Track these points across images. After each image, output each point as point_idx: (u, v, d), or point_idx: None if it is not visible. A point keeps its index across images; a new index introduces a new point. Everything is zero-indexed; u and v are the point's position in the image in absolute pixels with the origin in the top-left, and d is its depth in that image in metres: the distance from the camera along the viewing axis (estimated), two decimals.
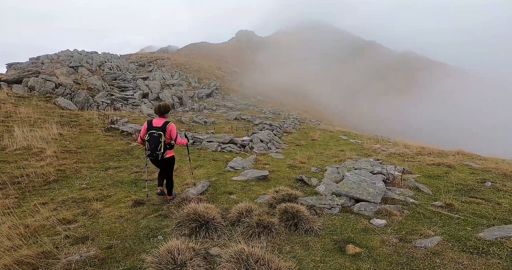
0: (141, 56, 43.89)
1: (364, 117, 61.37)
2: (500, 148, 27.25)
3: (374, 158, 7.86)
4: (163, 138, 3.65)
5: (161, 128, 3.67)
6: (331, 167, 6.11)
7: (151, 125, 3.72)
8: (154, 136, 3.63)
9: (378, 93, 77.51)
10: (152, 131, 3.66)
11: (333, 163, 7.20)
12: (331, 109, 58.07)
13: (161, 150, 3.66)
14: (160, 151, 3.66)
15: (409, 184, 5.00)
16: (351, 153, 9.36)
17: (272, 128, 14.37)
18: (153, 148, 3.64)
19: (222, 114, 20.42)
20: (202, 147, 8.70)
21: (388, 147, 10.60)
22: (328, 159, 8.15)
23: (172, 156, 3.99)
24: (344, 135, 15.78)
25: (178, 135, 3.91)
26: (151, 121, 3.78)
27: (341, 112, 59.16)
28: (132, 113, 14.42)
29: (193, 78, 30.85)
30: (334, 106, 61.36)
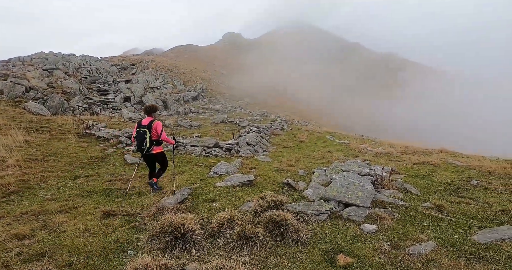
0: (123, 59, 42.50)
1: (349, 116, 62.76)
2: (480, 146, 28.62)
3: (361, 158, 7.78)
4: (148, 134, 4.05)
5: (147, 126, 4.10)
6: (318, 169, 5.91)
7: (140, 124, 4.20)
8: (140, 133, 4.08)
9: (363, 94, 79.72)
10: (139, 129, 4.12)
11: (321, 165, 7.02)
12: (319, 109, 58.93)
13: (147, 146, 4.08)
14: (145, 146, 4.08)
15: (397, 185, 4.87)
16: (338, 154, 9.26)
17: (259, 130, 14.12)
18: (139, 144, 4.08)
19: (209, 117, 19.95)
20: (186, 152, 8.26)
21: (374, 147, 10.64)
22: (316, 161, 7.98)
23: (160, 152, 4.42)
24: (331, 136, 15.82)
25: (163, 132, 4.25)
26: (141, 120, 4.25)
27: (328, 112, 60.12)
28: (111, 118, 13.67)
29: (179, 81, 30.15)
30: (321, 107, 62.33)
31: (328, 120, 51.14)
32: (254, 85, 55.03)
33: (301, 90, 67.01)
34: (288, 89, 63.01)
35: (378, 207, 3.87)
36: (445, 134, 57.37)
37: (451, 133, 59.74)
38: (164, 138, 4.30)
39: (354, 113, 66.25)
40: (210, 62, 75.46)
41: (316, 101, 65.29)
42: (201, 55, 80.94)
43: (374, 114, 68.04)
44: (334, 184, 4.04)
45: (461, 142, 42.75)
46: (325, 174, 5.45)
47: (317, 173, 5.61)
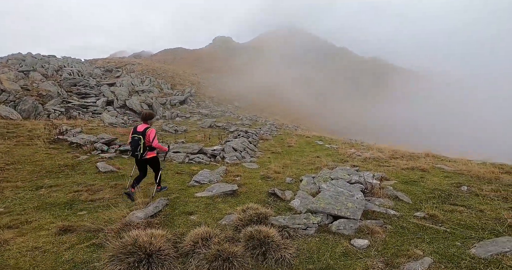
0: (108, 61, 41.24)
1: (338, 120, 63.98)
2: (466, 146, 29.55)
3: (350, 164, 7.57)
4: (142, 141, 4.19)
5: (141, 133, 4.23)
6: (307, 177, 5.61)
7: (135, 130, 4.32)
8: (135, 139, 4.21)
9: (350, 97, 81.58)
10: (134, 135, 4.26)
11: (309, 172, 6.73)
12: (307, 113, 59.53)
13: (140, 151, 4.23)
14: (139, 151, 4.23)
15: (388, 193, 4.63)
16: (327, 159, 9.04)
17: (248, 135, 13.77)
18: (133, 149, 4.24)
19: (196, 122, 19.41)
20: (167, 159, 7.75)
21: (362, 152, 10.52)
22: (304, 167, 7.70)
23: (153, 157, 4.61)
24: (320, 140, 15.69)
25: (155, 138, 4.38)
26: (136, 126, 4.37)
27: (316, 116, 60.86)
28: (89, 122, 12.89)
29: (166, 84, 29.46)
30: (310, 110, 63.05)
31: (317, 124, 51.70)
32: (244, 89, 54.94)
33: (290, 93, 67.66)
34: (278, 93, 63.42)
35: (369, 219, 3.58)
36: (429, 135, 59.61)
37: (435, 133, 62.21)
38: (156, 145, 4.41)
39: (341, 117, 67.57)
40: (200, 65, 74.99)
41: (304, 105, 66.07)
42: (190, 59, 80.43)
43: (361, 117, 69.71)
44: (322, 194, 3.73)
45: (445, 142, 44.52)
46: (314, 182, 5.15)
47: (305, 181, 5.30)
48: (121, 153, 7.95)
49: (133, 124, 15.25)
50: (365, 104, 79.40)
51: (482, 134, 61.19)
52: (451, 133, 62.62)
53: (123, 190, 4.85)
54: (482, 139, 56.16)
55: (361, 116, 71.67)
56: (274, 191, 4.73)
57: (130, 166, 6.83)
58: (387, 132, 61.21)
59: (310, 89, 79.05)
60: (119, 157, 7.65)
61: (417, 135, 57.29)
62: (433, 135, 59.53)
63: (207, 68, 74.64)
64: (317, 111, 65.39)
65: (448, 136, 59.97)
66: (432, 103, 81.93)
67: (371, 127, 65.15)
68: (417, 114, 75.54)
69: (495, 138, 56.09)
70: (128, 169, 6.55)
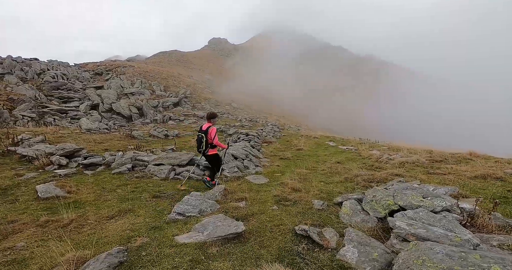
0: (99, 65, 39.27)
1: (337, 118, 62.80)
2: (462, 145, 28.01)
3: (389, 172, 5.70)
4: (204, 138, 4.62)
5: (204, 131, 4.68)
6: (347, 199, 3.72)
7: (200, 129, 4.80)
8: (199, 137, 4.70)
9: (348, 96, 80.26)
10: (198, 134, 4.75)
11: (341, 187, 4.86)
12: (305, 112, 58.00)
13: (203, 148, 4.67)
14: (202, 148, 4.67)
15: (498, 223, 2.77)
16: (352, 165, 7.18)
17: (249, 138, 11.89)
18: (198, 146, 4.73)
19: (191, 125, 17.51)
20: (146, 174, 5.84)
21: (390, 154, 8.68)
22: (329, 178, 5.81)
23: (214, 154, 4.91)
24: (331, 141, 13.85)
25: (216, 137, 4.75)
26: (202, 125, 4.83)
27: (315, 115, 59.37)
28: (61, 129, 10.94)
29: (159, 86, 27.55)
30: (309, 109, 61.50)
31: (316, 123, 50.20)
32: (241, 89, 53.22)
33: (287, 93, 66.13)
34: (275, 93, 61.80)
35: None
36: (428, 132, 58.46)
37: (432, 130, 61.13)
38: (216, 143, 4.69)
39: (340, 115, 66.28)
40: (196, 67, 73.25)
41: (302, 104, 64.66)
42: (186, 61, 78.69)
43: (360, 115, 68.43)
44: (425, 253, 1.83)
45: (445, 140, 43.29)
46: (364, 210, 3.26)
47: (347, 207, 3.42)
48: (85, 167, 6.04)
49: (118, 130, 13.40)
50: (362, 102, 78.05)
51: (479, 131, 60.41)
52: (450, 130, 61.69)
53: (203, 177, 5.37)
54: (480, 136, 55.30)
55: (359, 114, 70.31)
56: (307, 232, 2.84)
57: (89, 188, 4.91)
58: (387, 129, 60.13)
59: (307, 88, 77.55)
60: (80, 173, 5.74)
61: (416, 132, 56.24)
62: (431, 132, 58.57)
63: (203, 70, 72.99)
64: (315, 110, 63.84)
65: (447, 133, 59.03)
66: (428, 100, 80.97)
67: (370, 125, 63.93)
68: (414, 112, 74.55)
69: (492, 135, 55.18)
70: (86, 192, 4.64)
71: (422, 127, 65.72)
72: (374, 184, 5.08)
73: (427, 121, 70.51)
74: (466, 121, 68.65)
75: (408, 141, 16.55)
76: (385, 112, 73.86)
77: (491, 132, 58.22)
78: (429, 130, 62.28)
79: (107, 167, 6.25)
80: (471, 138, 50.92)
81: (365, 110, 73.60)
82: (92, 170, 6.14)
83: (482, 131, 59.77)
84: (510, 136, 53.70)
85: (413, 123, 69.15)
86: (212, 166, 5.03)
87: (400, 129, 61.63)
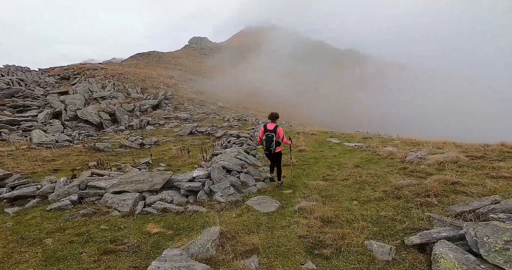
0: (66, 68, 35.63)
1: (325, 111, 62.70)
2: None
3: (439, 179, 4.22)
4: (274, 138, 4.76)
5: (273, 130, 4.79)
6: (430, 237, 2.13)
7: (266, 129, 4.85)
8: (269, 136, 4.76)
9: (332, 88, 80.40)
10: (267, 133, 4.79)
11: (389, 209, 3.29)
12: (294, 107, 57.07)
13: (273, 147, 4.78)
14: (272, 147, 4.78)
15: None
16: (377, 169, 5.69)
17: (241, 141, 10.16)
18: (268, 145, 4.78)
19: (173, 129, 15.45)
20: (100, 209, 3.99)
21: (412, 150, 7.30)
22: (360, 193, 4.24)
23: (280, 151, 5.10)
24: (332, 138, 12.41)
25: (284, 136, 4.97)
26: (266, 125, 4.91)
27: (302, 109, 58.68)
28: (4, 146, 8.63)
29: (135, 88, 24.97)
30: (296, 104, 60.68)
31: (304, 117, 49.40)
32: (226, 88, 51.13)
33: (272, 89, 64.87)
34: (260, 89, 60.27)
35: None
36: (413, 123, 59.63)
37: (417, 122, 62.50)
38: (285, 141, 4.99)
39: (327, 108, 66.15)
40: (176, 68, 69.95)
41: (288, 99, 63.81)
42: (166, 61, 75.08)
43: (346, 108, 68.66)
44: None
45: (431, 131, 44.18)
46: (483, 260, 1.66)
47: (450, 258, 1.81)
48: (10, 202, 4.08)
49: (83, 141, 11.17)
50: (348, 94, 78.42)
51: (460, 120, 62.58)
52: (435, 121, 63.33)
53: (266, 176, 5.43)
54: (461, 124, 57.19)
55: (346, 106, 70.53)
56: None
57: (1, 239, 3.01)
58: (374, 120, 60.72)
59: (292, 83, 76.68)
60: None
61: (402, 124, 57.19)
62: (414, 123, 59.84)
63: (185, 70, 69.89)
64: (302, 104, 63.11)
65: (432, 124, 60.57)
66: (413, 92, 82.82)
67: (359, 116, 64.26)
68: (398, 104, 76.04)
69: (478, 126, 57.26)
70: None
71: (406, 117, 66.91)
72: (433, 200, 3.56)
73: (410, 111, 71.91)
74: (447, 111, 70.66)
75: (399, 132, 15.82)
76: (371, 103, 74.73)
77: (472, 121, 60.17)
78: (413, 120, 63.41)
79: (43, 200, 4.32)
80: (454, 128, 52.14)
81: (352, 101, 74.04)
82: (20, 205, 4.19)
83: (464, 120, 61.67)
84: (492, 124, 55.66)
85: (397, 114, 70.34)
86: (278, 164, 5.21)
87: (387, 120, 62.54)
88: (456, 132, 37.65)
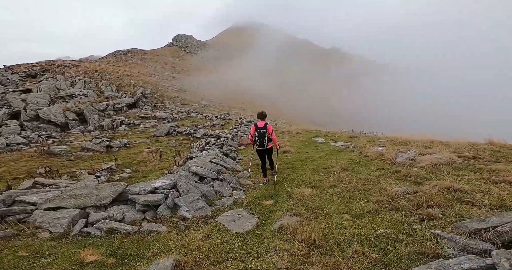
0: (33, 65, 32.77)
1: (310, 109, 63.27)
2: None
3: (437, 185, 3.72)
4: (266, 133, 5.13)
5: (264, 127, 5.18)
6: None
7: (257, 126, 5.23)
8: (261, 133, 5.13)
9: (317, 86, 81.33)
10: (259, 130, 5.16)
11: (388, 226, 2.65)
12: (277, 104, 56.95)
13: (266, 142, 5.15)
14: (265, 142, 5.14)
15: None
16: (367, 172, 5.15)
17: (222, 142, 9.37)
18: (261, 141, 5.14)
19: (149, 129, 14.30)
20: (24, 230, 3.07)
21: (401, 150, 6.90)
22: (351, 205, 3.62)
23: (271, 147, 5.38)
24: (318, 137, 11.95)
25: (273, 132, 5.29)
26: (256, 123, 5.31)
27: (287, 107, 58.77)
28: None
29: (109, 86, 23.24)
30: (281, 102, 60.63)
31: (290, 115, 49.39)
32: (211, 86, 49.84)
33: (257, 87, 64.38)
34: (245, 87, 59.52)
35: None
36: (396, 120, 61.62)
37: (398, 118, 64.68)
38: (273, 137, 5.28)
39: (312, 104, 66.81)
40: (159, 65, 67.33)
41: (273, 97, 63.70)
42: (147, 59, 72.06)
43: (330, 106, 69.73)
44: None
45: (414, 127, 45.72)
46: None
47: None
48: None
49: (43, 144, 9.83)
50: (332, 92, 79.63)
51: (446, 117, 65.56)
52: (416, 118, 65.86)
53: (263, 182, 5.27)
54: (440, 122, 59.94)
55: (329, 102, 71.56)
56: None
57: None
58: (357, 118, 62.12)
59: (276, 81, 76.56)
60: None
61: (383, 121, 58.92)
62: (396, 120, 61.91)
63: (168, 68, 67.46)
64: (287, 102, 63.16)
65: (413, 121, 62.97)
66: (393, 91, 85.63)
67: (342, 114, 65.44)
68: (381, 101, 78.40)
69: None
70: None
71: (387, 114, 68.94)
72: (437, 212, 3.01)
73: (391, 109, 74.19)
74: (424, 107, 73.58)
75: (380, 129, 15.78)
76: (354, 100, 76.37)
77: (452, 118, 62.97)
78: (394, 117, 65.40)
79: None
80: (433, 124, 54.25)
81: (335, 99, 75.19)
82: None
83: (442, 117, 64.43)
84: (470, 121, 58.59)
85: (378, 111, 72.38)
86: (270, 158, 5.50)
87: (368, 116, 64.21)
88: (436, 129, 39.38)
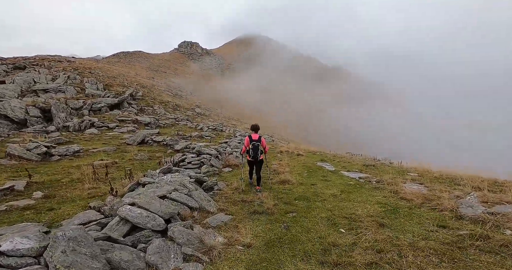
0: (26, 58, 31.03)
1: (306, 124, 61.67)
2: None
3: None
4: (260, 146, 5.38)
5: (258, 140, 5.40)
6: None
7: (252, 139, 5.40)
8: (255, 146, 5.35)
9: (317, 103, 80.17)
10: (253, 142, 5.35)
11: None
12: (277, 120, 55.23)
13: (259, 154, 5.38)
14: (258, 155, 5.37)
15: None
16: (434, 238, 2.89)
17: (200, 160, 7.07)
18: (255, 153, 5.34)
19: (122, 135, 12.00)
20: None
21: (453, 192, 4.68)
22: None
23: (262, 159, 5.57)
24: (323, 161, 9.69)
25: (266, 145, 5.69)
26: (251, 136, 5.47)
27: (286, 122, 57.10)
28: None
29: (96, 84, 21.19)
30: (280, 117, 59.03)
31: (286, 130, 47.59)
32: (210, 95, 48.27)
33: (257, 100, 63.03)
34: (245, 99, 58.08)
35: None
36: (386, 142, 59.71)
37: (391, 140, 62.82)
38: (267, 150, 5.73)
39: (309, 121, 65.19)
40: (160, 69, 66.33)
41: (274, 111, 62.16)
42: (150, 62, 71.27)
43: (326, 122, 68.09)
44: None
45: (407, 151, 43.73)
46: None
47: None
48: None
49: None
50: (329, 109, 78.37)
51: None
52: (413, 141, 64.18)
53: (256, 191, 5.32)
54: None
55: (327, 122, 69.87)
56: None
57: None
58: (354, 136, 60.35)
59: (277, 95, 75.52)
60: None
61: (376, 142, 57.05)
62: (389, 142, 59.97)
63: (169, 72, 66.44)
64: (285, 117, 61.54)
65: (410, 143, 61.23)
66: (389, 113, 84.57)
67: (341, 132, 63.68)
68: (378, 121, 77.07)
69: None
70: None
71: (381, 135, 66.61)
72: None
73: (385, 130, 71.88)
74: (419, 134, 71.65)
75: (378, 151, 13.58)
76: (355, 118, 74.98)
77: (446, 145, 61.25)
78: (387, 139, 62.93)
79: None
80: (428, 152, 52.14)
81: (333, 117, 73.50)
82: None
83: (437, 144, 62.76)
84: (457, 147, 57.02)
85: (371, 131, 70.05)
86: (258, 171, 5.57)
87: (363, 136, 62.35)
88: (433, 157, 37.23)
